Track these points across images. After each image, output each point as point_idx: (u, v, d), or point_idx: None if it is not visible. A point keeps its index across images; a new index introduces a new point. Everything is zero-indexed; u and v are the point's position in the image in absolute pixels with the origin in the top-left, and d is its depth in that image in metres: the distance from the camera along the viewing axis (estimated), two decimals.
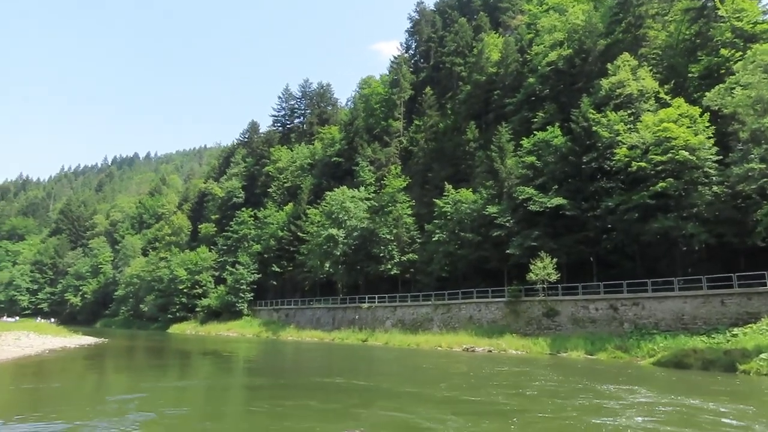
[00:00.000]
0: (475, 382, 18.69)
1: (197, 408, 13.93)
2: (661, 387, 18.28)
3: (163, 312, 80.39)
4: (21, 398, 13.85)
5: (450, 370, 22.81)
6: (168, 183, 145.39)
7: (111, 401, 14.38)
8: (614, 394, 15.85)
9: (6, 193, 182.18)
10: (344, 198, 61.12)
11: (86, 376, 15.25)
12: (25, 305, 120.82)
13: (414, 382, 19.10)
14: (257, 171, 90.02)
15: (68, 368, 15.86)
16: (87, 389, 15.73)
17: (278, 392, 15.54)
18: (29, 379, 16.05)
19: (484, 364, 26.43)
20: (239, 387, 18.27)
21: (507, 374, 21.69)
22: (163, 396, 15.85)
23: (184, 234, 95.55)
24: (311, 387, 17.20)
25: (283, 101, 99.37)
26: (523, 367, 25.52)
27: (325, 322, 57.74)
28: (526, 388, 17.53)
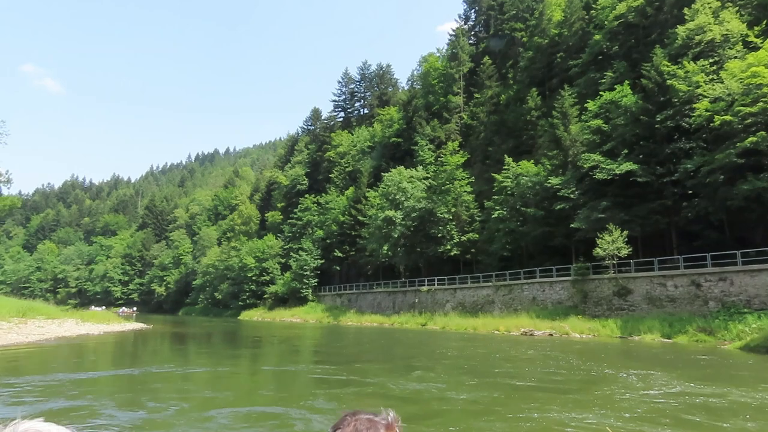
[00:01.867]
0: (513, 371, 16.13)
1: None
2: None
3: (234, 299, 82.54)
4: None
5: (506, 357, 20.27)
6: (241, 175, 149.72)
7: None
8: (713, 391, 12.49)
9: (100, 193, 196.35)
10: (401, 178, 59.05)
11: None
12: (118, 296, 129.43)
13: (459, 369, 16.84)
14: (319, 157, 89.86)
15: (31, 362, 15.08)
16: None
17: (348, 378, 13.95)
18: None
19: (540, 349, 23.57)
20: (293, 373, 16.84)
21: (562, 358, 18.86)
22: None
23: (253, 223, 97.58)
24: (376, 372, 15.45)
25: (342, 85, 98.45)
26: (584, 352, 22.45)
27: (385, 307, 56.29)
28: (574, 372, 14.80)
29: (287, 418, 9.88)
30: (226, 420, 9.42)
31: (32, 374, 13.31)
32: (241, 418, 9.69)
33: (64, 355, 16.94)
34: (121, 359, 18.38)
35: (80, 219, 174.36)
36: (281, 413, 10.22)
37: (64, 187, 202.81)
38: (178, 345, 27.96)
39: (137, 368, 16.08)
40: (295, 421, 9.52)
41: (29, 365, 15.24)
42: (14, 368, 14.48)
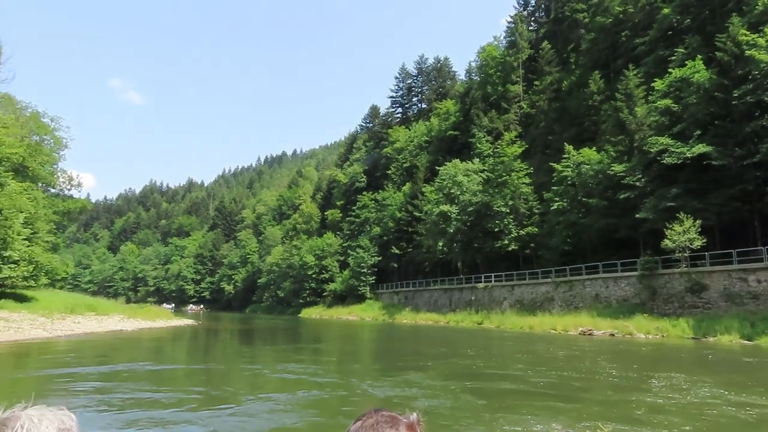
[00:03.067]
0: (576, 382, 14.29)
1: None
2: None
3: (296, 297, 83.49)
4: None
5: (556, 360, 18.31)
6: (304, 175, 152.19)
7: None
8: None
9: (175, 196, 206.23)
10: (456, 172, 57.13)
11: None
12: (191, 294, 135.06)
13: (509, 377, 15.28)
14: (377, 154, 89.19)
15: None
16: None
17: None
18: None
19: (585, 350, 21.33)
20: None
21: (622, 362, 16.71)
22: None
23: (314, 222, 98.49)
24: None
25: (399, 81, 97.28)
26: (635, 354, 20.06)
27: (442, 304, 54.62)
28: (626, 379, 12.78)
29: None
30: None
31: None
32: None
33: (60, 351, 16.65)
34: (112, 356, 17.77)
35: (158, 221, 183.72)
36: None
37: (144, 191, 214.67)
38: (203, 342, 27.45)
39: (118, 364, 15.60)
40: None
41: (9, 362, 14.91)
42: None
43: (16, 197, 26.18)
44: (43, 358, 15.27)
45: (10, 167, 40.69)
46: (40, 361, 14.85)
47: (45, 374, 12.91)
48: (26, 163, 40.26)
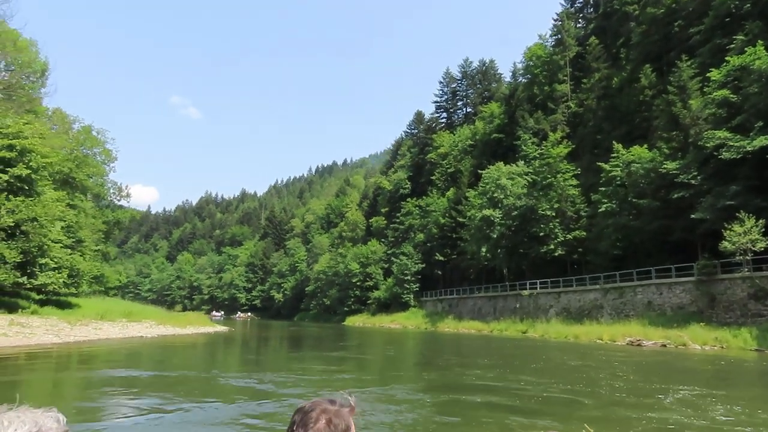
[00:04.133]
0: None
1: None
2: None
3: (341, 305, 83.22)
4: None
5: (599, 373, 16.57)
6: (351, 183, 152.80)
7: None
8: None
9: (228, 206, 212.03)
10: (500, 175, 55.24)
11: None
12: (243, 302, 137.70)
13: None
14: (421, 160, 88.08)
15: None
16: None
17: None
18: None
19: (642, 363, 19.34)
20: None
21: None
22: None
23: (359, 229, 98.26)
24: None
25: (444, 85, 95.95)
26: (696, 367, 17.96)
27: (486, 312, 52.68)
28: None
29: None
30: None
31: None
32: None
33: (40, 357, 16.27)
34: (90, 362, 16.95)
35: (212, 231, 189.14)
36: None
37: (200, 202, 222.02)
38: (211, 350, 26.37)
39: (85, 371, 15.04)
40: None
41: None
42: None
43: (51, 205, 26.84)
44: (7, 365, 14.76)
45: (58, 178, 42.27)
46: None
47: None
48: (73, 174, 41.66)
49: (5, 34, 36.25)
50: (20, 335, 18.76)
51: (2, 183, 25.21)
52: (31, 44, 38.44)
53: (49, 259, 27.14)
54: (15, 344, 17.51)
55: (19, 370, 14.14)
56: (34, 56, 38.71)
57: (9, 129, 26.09)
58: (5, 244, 24.87)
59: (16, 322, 20.81)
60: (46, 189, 29.11)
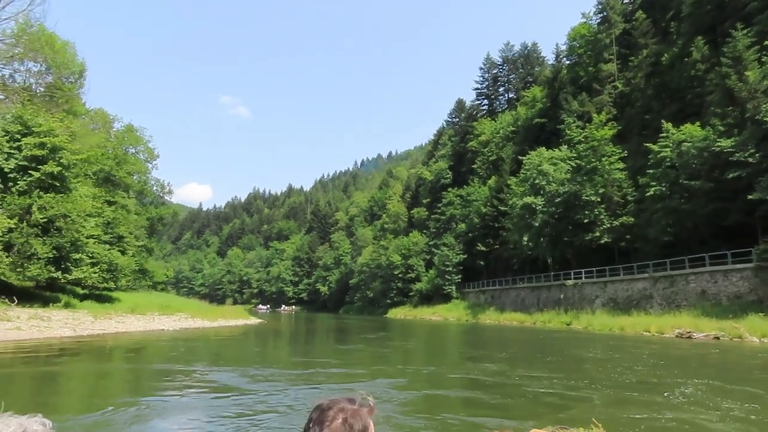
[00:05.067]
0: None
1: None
2: None
3: (384, 297, 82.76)
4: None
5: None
6: (394, 175, 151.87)
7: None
8: None
9: (275, 201, 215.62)
10: (541, 160, 53.07)
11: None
12: (290, 295, 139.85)
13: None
14: (462, 148, 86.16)
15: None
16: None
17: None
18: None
19: (683, 358, 17.63)
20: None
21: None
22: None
23: (401, 221, 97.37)
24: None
25: (484, 72, 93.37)
26: (743, 362, 16.14)
27: (529, 304, 50.83)
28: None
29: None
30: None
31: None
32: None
33: (40, 351, 16.08)
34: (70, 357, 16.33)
35: (260, 227, 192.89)
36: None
37: (248, 198, 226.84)
38: (226, 344, 24.83)
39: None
40: None
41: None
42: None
43: (83, 201, 27.32)
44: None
45: (101, 176, 43.36)
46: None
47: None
48: (114, 172, 42.65)
49: (44, 38, 37.23)
50: (34, 329, 19.01)
51: (34, 180, 25.80)
52: (68, 46, 39.42)
53: (83, 254, 27.69)
54: (22, 338, 17.70)
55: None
56: (71, 57, 39.72)
57: (41, 128, 26.66)
58: (39, 240, 25.47)
59: (38, 316, 21.21)
60: (79, 185, 29.72)
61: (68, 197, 26.33)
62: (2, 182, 25.71)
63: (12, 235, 24.27)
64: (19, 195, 25.33)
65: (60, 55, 38.22)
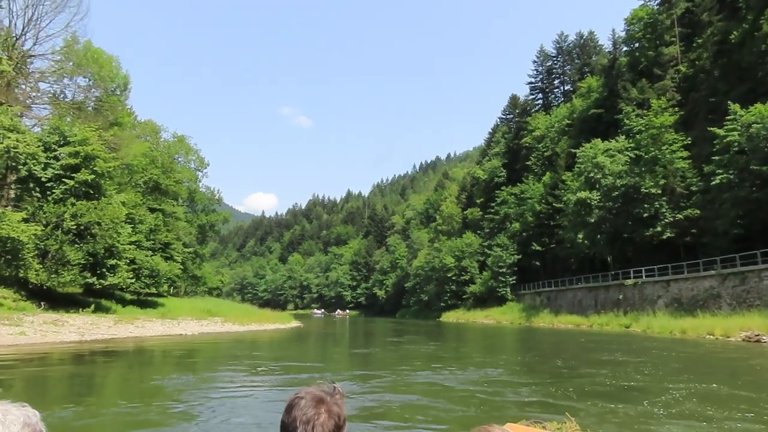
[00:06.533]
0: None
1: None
2: None
3: (438, 300, 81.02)
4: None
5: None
6: (450, 177, 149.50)
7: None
8: None
9: (333, 207, 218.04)
10: (596, 153, 49.89)
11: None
12: (348, 300, 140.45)
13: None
14: (516, 145, 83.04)
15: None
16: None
17: None
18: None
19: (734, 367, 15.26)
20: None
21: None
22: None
23: (455, 222, 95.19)
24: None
25: (538, 65, 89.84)
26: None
27: (587, 305, 47.73)
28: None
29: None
30: None
31: None
32: None
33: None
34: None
35: (320, 232, 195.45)
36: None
37: (308, 205, 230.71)
38: (232, 352, 22.78)
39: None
40: None
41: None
42: None
43: (117, 208, 27.78)
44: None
45: (151, 185, 44.51)
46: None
47: None
48: (160, 180, 43.68)
49: (89, 53, 38.57)
50: (40, 334, 19.10)
51: (69, 188, 26.45)
52: (113, 60, 40.72)
53: (118, 260, 28.15)
54: (18, 343, 17.72)
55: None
56: (116, 71, 41.02)
57: (76, 137, 27.34)
58: (75, 247, 26.05)
59: (54, 321, 21.46)
60: (117, 193, 30.36)
61: (100, 204, 26.82)
62: (40, 191, 26.54)
63: (47, 242, 24.94)
64: (55, 203, 26.05)
65: (105, 69, 39.48)
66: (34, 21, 33.40)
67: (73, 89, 40.30)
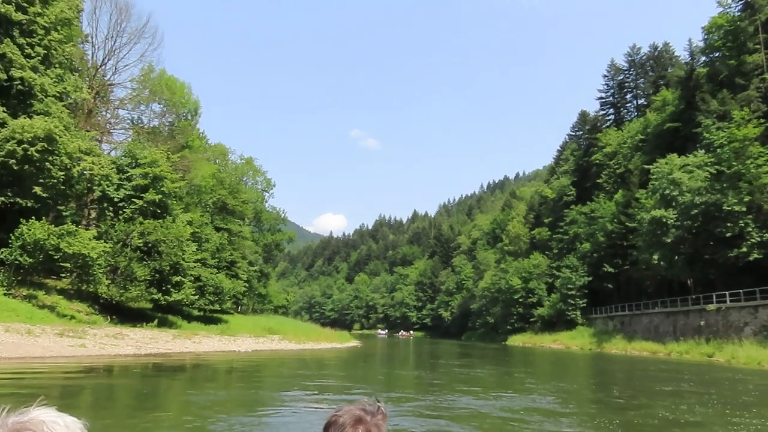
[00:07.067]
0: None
1: None
2: None
3: (504, 323, 78.55)
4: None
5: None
6: (518, 196, 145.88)
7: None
8: None
9: (399, 227, 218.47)
10: (672, 168, 46.96)
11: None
12: (414, 320, 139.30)
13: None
14: (586, 163, 79.90)
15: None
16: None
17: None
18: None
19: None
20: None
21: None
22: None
23: (522, 242, 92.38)
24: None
25: (609, 79, 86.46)
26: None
27: (664, 332, 44.48)
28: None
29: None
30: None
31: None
32: None
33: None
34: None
35: (386, 252, 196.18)
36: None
37: (375, 225, 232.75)
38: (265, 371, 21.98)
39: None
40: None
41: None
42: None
43: (181, 227, 28.94)
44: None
45: (219, 206, 46.31)
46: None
47: None
48: (226, 201, 45.34)
49: (163, 81, 40.93)
50: (98, 346, 19.81)
51: (138, 207, 27.89)
52: (184, 86, 43.02)
53: (183, 277, 29.22)
54: (77, 354, 18.35)
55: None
56: (187, 97, 43.27)
57: (145, 159, 28.90)
58: (142, 264, 27.34)
59: (116, 334, 22.30)
60: (182, 213, 31.70)
61: (165, 223, 28.06)
62: (113, 210, 28.14)
63: (117, 258, 26.32)
64: (125, 221, 27.52)
65: (177, 95, 41.72)
66: (114, 52, 35.92)
67: (149, 115, 42.77)
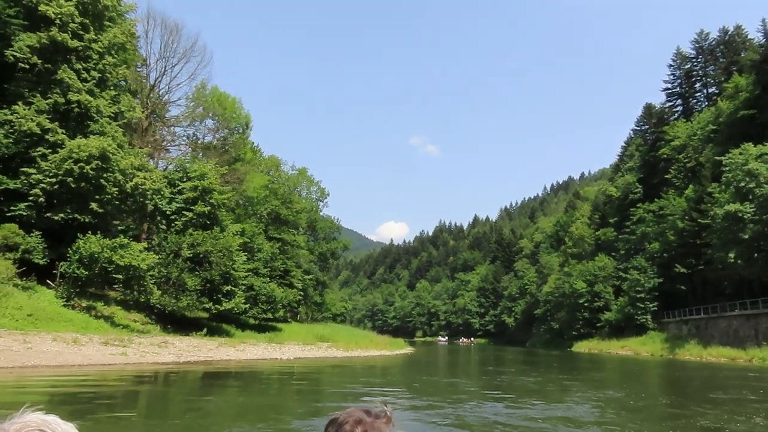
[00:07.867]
0: None
1: None
2: None
3: (569, 329, 75.32)
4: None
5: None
6: (582, 196, 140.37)
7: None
8: None
9: (460, 233, 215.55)
10: (747, 158, 43.46)
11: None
12: (476, 327, 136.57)
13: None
14: (652, 158, 75.55)
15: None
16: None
17: None
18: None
19: None
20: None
21: None
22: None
23: (587, 244, 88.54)
24: None
25: (675, 68, 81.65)
26: None
27: (744, 336, 40.97)
28: None
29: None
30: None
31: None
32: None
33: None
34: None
35: (446, 258, 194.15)
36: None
37: (435, 232, 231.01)
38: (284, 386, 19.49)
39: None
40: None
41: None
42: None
43: (231, 238, 29.49)
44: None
45: (274, 216, 47.15)
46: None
47: None
48: (279, 211, 46.08)
49: (215, 97, 42.20)
50: (139, 354, 20.20)
51: (188, 219, 28.66)
52: (236, 101, 44.19)
53: (233, 286, 29.73)
54: (118, 362, 18.72)
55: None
56: (239, 111, 44.42)
57: (195, 172, 29.72)
58: (193, 274, 28.01)
59: (159, 342, 22.74)
60: (229, 223, 32.35)
61: (214, 233, 28.68)
62: (166, 223, 29.08)
63: (169, 269, 27.10)
64: (176, 233, 28.35)
65: (229, 110, 42.90)
66: (166, 72, 37.39)
67: (203, 131, 44.18)
